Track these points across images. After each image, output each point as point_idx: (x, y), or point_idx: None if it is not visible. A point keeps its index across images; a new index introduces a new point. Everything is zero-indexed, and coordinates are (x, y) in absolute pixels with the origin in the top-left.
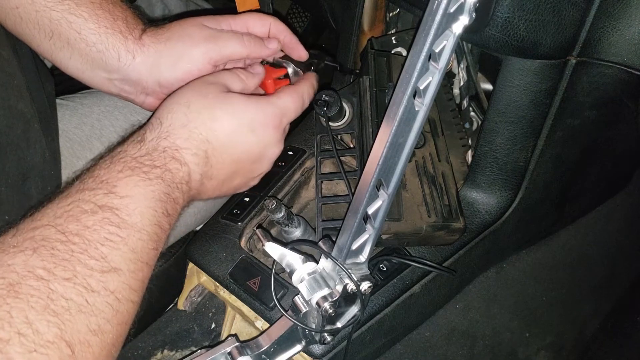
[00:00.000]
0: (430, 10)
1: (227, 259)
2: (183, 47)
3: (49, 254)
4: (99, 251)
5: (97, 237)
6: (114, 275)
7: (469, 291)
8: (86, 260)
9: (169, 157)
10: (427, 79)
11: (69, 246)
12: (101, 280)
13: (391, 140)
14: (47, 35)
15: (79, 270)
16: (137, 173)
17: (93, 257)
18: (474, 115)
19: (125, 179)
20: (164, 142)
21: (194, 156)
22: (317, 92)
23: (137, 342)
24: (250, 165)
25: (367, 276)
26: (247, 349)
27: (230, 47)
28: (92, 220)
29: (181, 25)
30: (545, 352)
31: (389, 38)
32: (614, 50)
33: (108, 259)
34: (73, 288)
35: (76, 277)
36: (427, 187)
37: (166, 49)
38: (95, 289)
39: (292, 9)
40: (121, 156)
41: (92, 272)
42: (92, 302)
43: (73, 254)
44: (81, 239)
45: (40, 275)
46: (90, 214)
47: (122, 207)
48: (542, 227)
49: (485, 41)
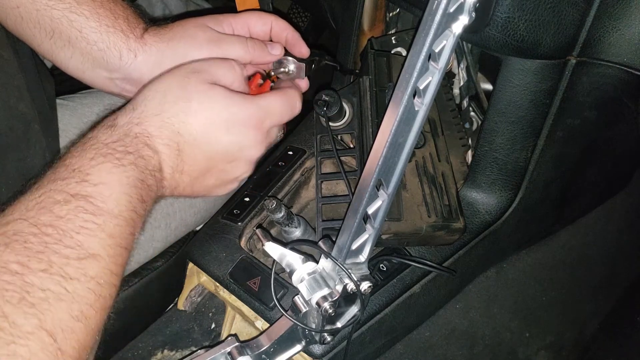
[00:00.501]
0: (430, 10)
1: (227, 259)
2: (186, 48)
3: (22, 248)
4: (74, 240)
5: (72, 226)
6: (93, 262)
7: (469, 291)
8: (61, 249)
9: (142, 144)
10: (427, 78)
11: (42, 238)
12: (79, 267)
13: (391, 140)
14: (48, 34)
15: (54, 260)
16: (109, 159)
17: (68, 246)
18: (473, 115)
19: (97, 166)
20: (136, 127)
21: (165, 147)
22: (317, 92)
23: (137, 342)
24: (224, 164)
25: (367, 276)
26: (247, 349)
27: (233, 51)
28: (65, 210)
29: (183, 26)
30: (545, 352)
31: (388, 38)
32: (614, 50)
33: (85, 246)
34: (50, 278)
35: (52, 267)
36: (427, 187)
37: (169, 49)
38: (74, 276)
39: (292, 9)
40: (92, 142)
41: (68, 260)
42: (71, 289)
43: (47, 246)
44: (55, 230)
45: (14, 270)
46: (63, 204)
47: (96, 194)
48: (542, 227)
49: (485, 41)
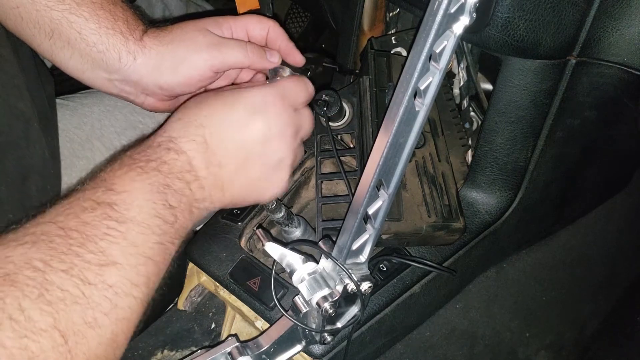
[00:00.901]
0: (431, 11)
1: (227, 259)
2: (186, 51)
3: (47, 247)
4: (97, 245)
5: (96, 232)
6: (113, 269)
7: (469, 291)
8: (84, 253)
9: (164, 149)
10: (427, 79)
11: (67, 240)
12: (99, 273)
13: (391, 141)
14: (48, 34)
15: (76, 263)
16: (133, 169)
17: (91, 251)
18: (473, 115)
19: (122, 175)
20: (159, 138)
21: (190, 143)
22: (317, 92)
23: (137, 342)
24: (261, 147)
25: (367, 276)
26: (247, 349)
27: (233, 56)
28: (91, 216)
29: (183, 29)
30: (545, 352)
31: (388, 38)
32: (614, 50)
33: (107, 252)
34: (69, 280)
35: (72, 269)
36: (427, 187)
37: (168, 52)
38: (92, 282)
39: (292, 9)
40: (121, 156)
41: (89, 265)
42: (88, 294)
43: (71, 247)
44: (80, 234)
45: (37, 267)
46: (90, 211)
47: (120, 201)
48: (542, 227)
49: (486, 41)
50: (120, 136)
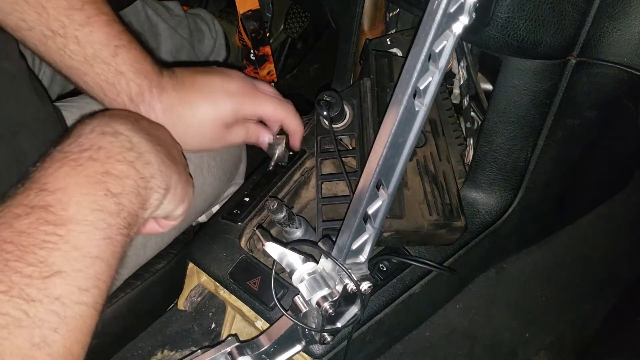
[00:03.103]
0: (430, 11)
1: (227, 259)
2: (192, 142)
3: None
4: (36, 255)
5: (33, 240)
6: (57, 279)
7: (469, 291)
8: (23, 268)
9: (98, 134)
10: (427, 79)
11: (3, 255)
12: (42, 287)
13: (391, 141)
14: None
15: (15, 281)
16: (65, 163)
17: (31, 263)
18: (474, 115)
19: (54, 172)
20: (88, 127)
21: (124, 123)
22: (319, 93)
23: (137, 342)
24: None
25: (367, 276)
26: (247, 349)
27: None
28: (26, 224)
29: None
30: (545, 352)
31: (384, 39)
32: (614, 50)
33: (48, 262)
34: (9, 302)
35: (12, 290)
36: (429, 185)
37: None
38: (36, 298)
39: (292, 9)
40: (47, 154)
41: (30, 279)
42: (32, 313)
43: (7, 264)
44: (15, 246)
45: None
46: (23, 217)
47: (55, 202)
48: (542, 227)
49: (485, 41)
50: None
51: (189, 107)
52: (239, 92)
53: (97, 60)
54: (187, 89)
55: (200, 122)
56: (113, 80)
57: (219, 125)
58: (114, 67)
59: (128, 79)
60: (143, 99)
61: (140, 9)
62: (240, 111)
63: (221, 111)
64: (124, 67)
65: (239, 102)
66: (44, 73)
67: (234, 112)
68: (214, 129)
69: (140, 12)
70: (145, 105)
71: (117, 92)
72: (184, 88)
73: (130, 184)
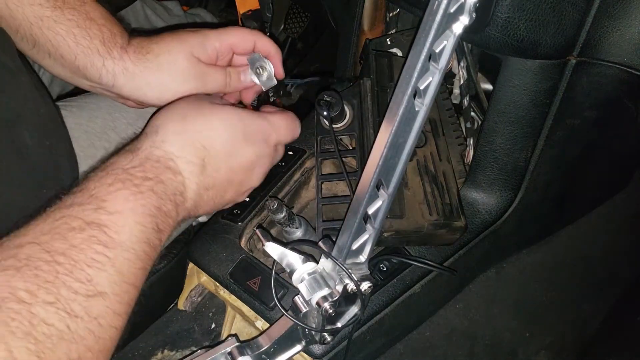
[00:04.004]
0: (431, 11)
1: (227, 259)
2: (171, 81)
3: (33, 275)
4: (84, 273)
5: (84, 257)
6: (99, 300)
7: (469, 291)
8: (71, 283)
9: (163, 167)
10: (427, 79)
11: (54, 267)
12: (84, 305)
13: (391, 141)
14: (30, 44)
15: (62, 294)
16: (127, 186)
17: (78, 279)
18: (474, 115)
19: (115, 192)
20: (158, 151)
21: (189, 164)
22: (319, 93)
23: (138, 342)
24: (243, 174)
25: (367, 276)
26: (247, 349)
27: (215, 87)
28: (80, 239)
29: (171, 53)
30: (545, 352)
31: (383, 39)
32: (614, 50)
33: (94, 282)
34: (55, 313)
35: (59, 302)
36: (429, 185)
37: (154, 78)
38: (79, 315)
39: (292, 9)
40: (112, 167)
41: (76, 296)
42: (74, 328)
43: (58, 276)
44: (67, 259)
45: (22, 298)
46: (78, 232)
47: (111, 224)
48: (542, 227)
49: (486, 41)
50: (132, 127)
51: (156, 43)
52: (203, 29)
53: (66, 6)
54: (153, 34)
55: (170, 55)
56: (84, 24)
57: (189, 56)
58: (84, 14)
59: (99, 24)
60: (115, 43)
61: (139, 9)
62: (207, 40)
63: (189, 42)
64: (94, 14)
65: (204, 34)
66: (44, 73)
67: (201, 43)
68: (187, 62)
69: (139, 12)
70: (117, 49)
71: (89, 37)
72: (151, 34)
73: (170, 224)
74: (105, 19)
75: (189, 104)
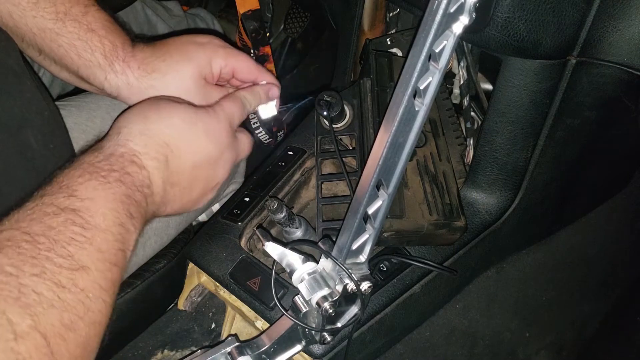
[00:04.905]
0: (431, 11)
1: (227, 259)
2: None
3: (15, 253)
4: (66, 250)
5: (63, 237)
6: (83, 274)
7: (469, 291)
8: (54, 257)
9: (127, 161)
10: (427, 79)
11: (36, 245)
12: (70, 277)
13: (391, 140)
14: (36, 52)
15: (47, 267)
16: (95, 177)
17: (60, 255)
18: (474, 115)
19: (84, 183)
20: (122, 148)
21: (153, 160)
22: (319, 93)
23: (137, 342)
24: (208, 170)
25: (367, 276)
26: (247, 349)
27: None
28: (56, 222)
29: (178, 73)
30: (545, 352)
31: (383, 39)
32: (614, 50)
33: (75, 257)
34: (43, 283)
35: (45, 273)
36: (429, 185)
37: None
38: (65, 285)
39: (292, 9)
40: (79, 163)
41: (60, 269)
42: (63, 297)
43: (40, 252)
44: (47, 239)
45: (8, 272)
46: (53, 216)
47: (84, 209)
48: (542, 227)
49: (486, 41)
50: None
51: (163, 60)
52: (210, 43)
53: (68, 18)
54: (158, 45)
55: (178, 75)
56: (86, 37)
57: (197, 76)
58: (86, 25)
59: (100, 35)
60: (117, 56)
61: (140, 10)
62: (214, 60)
63: (195, 61)
64: (95, 25)
65: (212, 51)
66: (44, 74)
67: (207, 61)
68: (192, 81)
69: (140, 13)
70: (119, 62)
71: (91, 50)
72: (156, 45)
73: (142, 213)
74: (107, 30)
75: (150, 105)
